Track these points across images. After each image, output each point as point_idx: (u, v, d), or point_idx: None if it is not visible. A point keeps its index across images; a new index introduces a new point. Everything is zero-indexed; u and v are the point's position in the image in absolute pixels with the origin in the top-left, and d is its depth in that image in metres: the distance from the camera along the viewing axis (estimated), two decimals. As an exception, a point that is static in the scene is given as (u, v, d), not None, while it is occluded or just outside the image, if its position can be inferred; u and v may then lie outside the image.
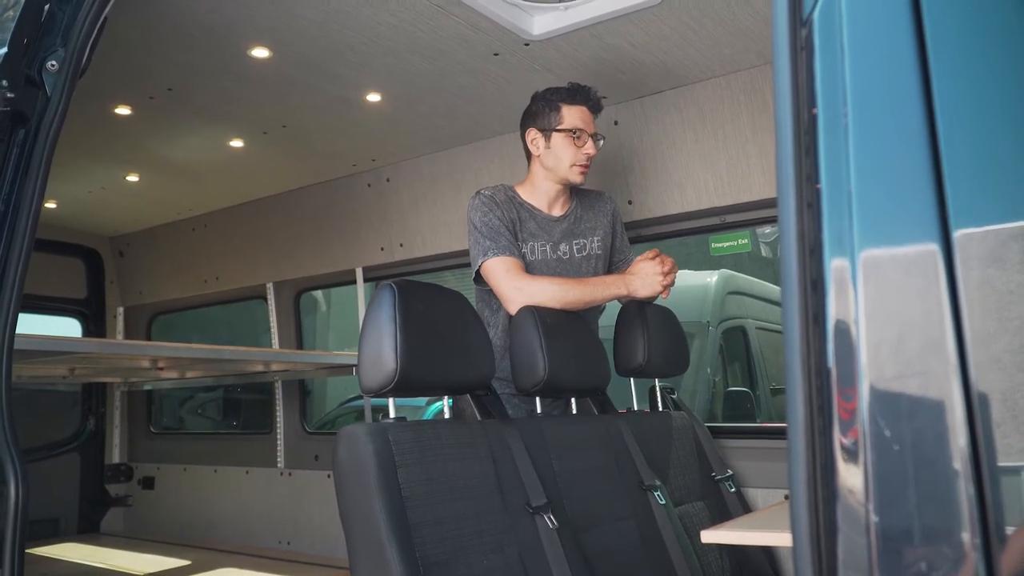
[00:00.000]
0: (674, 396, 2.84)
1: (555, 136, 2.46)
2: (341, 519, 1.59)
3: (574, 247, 2.55)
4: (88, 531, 4.95)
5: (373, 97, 3.07)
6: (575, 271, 2.53)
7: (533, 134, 2.50)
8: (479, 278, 2.44)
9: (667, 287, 2.47)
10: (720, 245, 3.12)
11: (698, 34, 2.57)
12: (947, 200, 0.65)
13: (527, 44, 2.62)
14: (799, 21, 0.76)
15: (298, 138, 3.53)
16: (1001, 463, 0.67)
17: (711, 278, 5.68)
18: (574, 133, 2.44)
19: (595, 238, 2.60)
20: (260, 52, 2.66)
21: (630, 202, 3.14)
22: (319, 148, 3.66)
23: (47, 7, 1.94)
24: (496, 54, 2.70)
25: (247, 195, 4.36)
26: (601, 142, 2.52)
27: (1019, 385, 0.66)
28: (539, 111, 2.50)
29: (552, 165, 2.48)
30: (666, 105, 3.03)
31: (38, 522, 4.63)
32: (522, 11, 2.50)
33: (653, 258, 2.44)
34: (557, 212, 2.56)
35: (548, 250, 2.50)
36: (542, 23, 2.53)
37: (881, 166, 0.69)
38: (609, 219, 2.66)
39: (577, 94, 2.48)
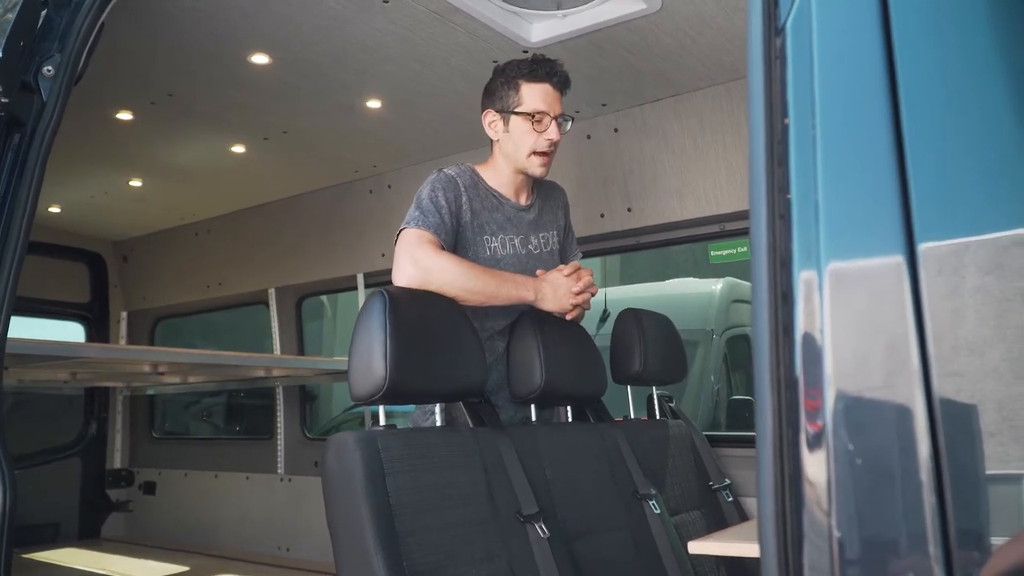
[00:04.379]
0: (671, 404, 2.83)
1: (513, 119, 2.19)
2: (329, 528, 1.59)
3: (541, 241, 2.33)
4: (89, 536, 4.96)
5: (373, 103, 3.08)
6: (544, 267, 2.26)
7: (491, 116, 2.23)
8: None
9: (577, 307, 2.20)
10: (719, 253, 3.11)
11: (696, 42, 2.56)
12: (912, 211, 0.64)
13: (526, 51, 2.61)
14: (774, 30, 0.76)
15: (299, 144, 3.54)
16: (994, 471, 0.66)
17: (715, 286, 5.66)
18: (533, 116, 2.16)
19: (554, 232, 2.38)
20: (260, 58, 2.67)
21: (629, 209, 3.14)
22: (320, 154, 3.67)
23: (44, 12, 1.95)
24: (495, 61, 2.68)
25: (249, 200, 4.38)
26: (569, 124, 2.24)
27: (1017, 395, 0.66)
28: (497, 89, 2.22)
29: (510, 152, 2.21)
30: (666, 113, 3.02)
31: (39, 527, 4.64)
32: (520, 18, 2.51)
33: (570, 273, 2.18)
34: (524, 200, 2.31)
35: (518, 244, 2.26)
36: (540, 30, 2.53)
37: (848, 177, 0.68)
38: (563, 212, 2.44)
39: (539, 69, 2.18)
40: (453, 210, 2.11)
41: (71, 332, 5.12)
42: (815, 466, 0.66)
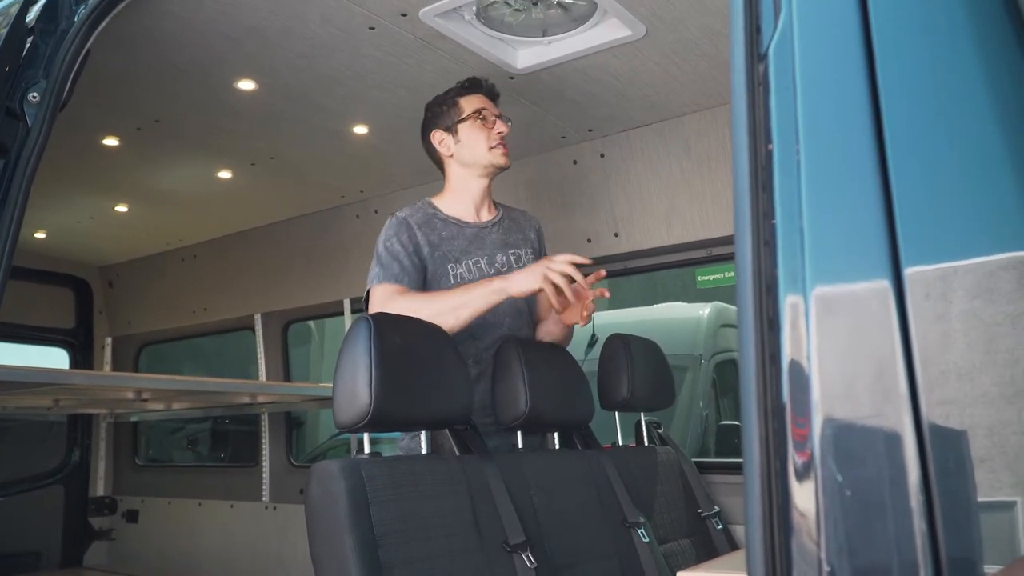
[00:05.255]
0: (660, 430, 2.81)
1: (461, 127, 2.32)
2: (312, 559, 1.56)
3: (511, 257, 2.35)
4: (71, 565, 4.86)
5: (360, 129, 3.08)
6: None
7: (439, 135, 2.35)
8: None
9: (553, 286, 2.01)
10: (707, 278, 3.11)
11: (681, 68, 2.58)
12: (898, 236, 0.63)
13: (512, 77, 2.63)
14: (756, 56, 0.76)
15: (286, 169, 3.53)
16: (985, 498, 0.65)
17: (703, 311, 5.66)
18: (479, 115, 2.31)
19: (526, 250, 2.42)
20: (246, 84, 2.67)
21: (616, 234, 3.14)
22: (307, 180, 3.66)
23: (30, 39, 1.94)
24: (482, 87, 2.71)
25: (236, 226, 4.35)
26: (509, 123, 2.36)
27: (1008, 420, 0.65)
28: (437, 113, 2.37)
29: (469, 158, 2.32)
30: (652, 138, 3.03)
31: (20, 555, 4.55)
32: (506, 45, 2.52)
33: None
34: (485, 217, 2.37)
35: (484, 264, 2.29)
36: (526, 57, 2.54)
37: (833, 202, 0.68)
38: (536, 234, 2.49)
39: (469, 84, 2.37)
40: (411, 250, 2.20)
41: (55, 358, 5.06)
42: (803, 495, 0.64)
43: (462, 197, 2.36)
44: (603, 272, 2.25)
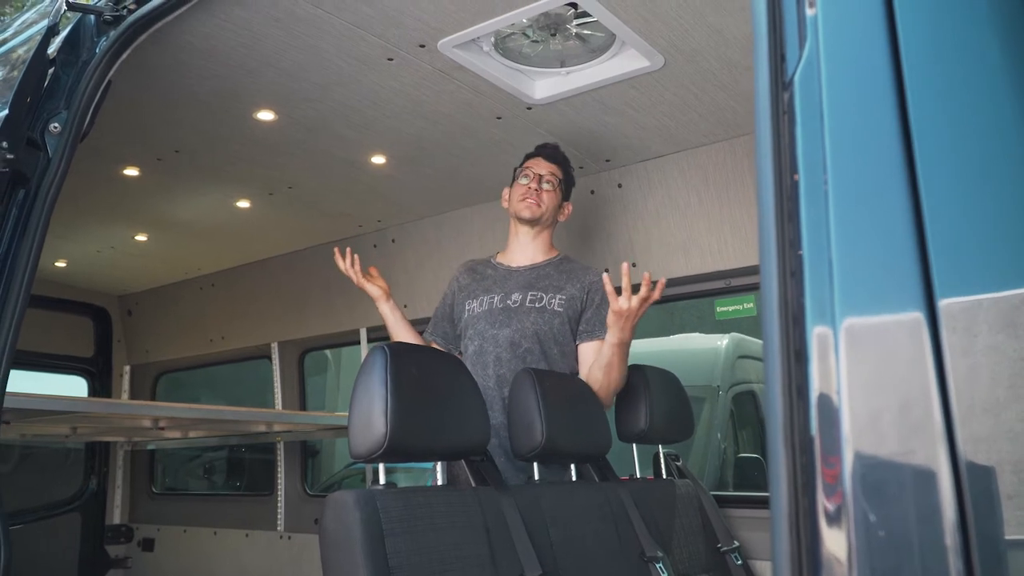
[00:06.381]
0: (678, 463, 2.77)
1: (514, 184, 2.67)
2: (325, 591, 1.54)
3: (528, 297, 2.57)
4: (85, 594, 4.85)
5: (378, 159, 3.09)
6: (521, 319, 2.53)
7: (506, 192, 2.71)
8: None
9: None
10: (725, 309, 3.08)
11: (700, 99, 2.57)
12: (931, 267, 0.62)
13: (529, 108, 2.63)
14: (781, 84, 0.74)
15: (304, 199, 3.55)
16: (1013, 536, 0.63)
17: (721, 342, 5.61)
18: (515, 175, 2.67)
19: (559, 296, 2.57)
20: (265, 115, 2.69)
21: (634, 265, 3.11)
22: (325, 209, 3.68)
23: (51, 70, 1.97)
24: (499, 118, 2.72)
25: (254, 255, 4.38)
26: (548, 183, 2.62)
27: None
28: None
29: (510, 208, 2.68)
30: (670, 169, 3.02)
31: (35, 584, 4.54)
32: (524, 75, 2.52)
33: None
34: (524, 262, 2.66)
35: (496, 300, 2.59)
36: (544, 87, 2.55)
37: (862, 232, 0.66)
38: (582, 287, 2.59)
39: (534, 149, 2.71)
40: (449, 302, 2.77)
41: (74, 386, 5.08)
42: (834, 536, 0.62)
43: (511, 244, 2.71)
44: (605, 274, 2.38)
